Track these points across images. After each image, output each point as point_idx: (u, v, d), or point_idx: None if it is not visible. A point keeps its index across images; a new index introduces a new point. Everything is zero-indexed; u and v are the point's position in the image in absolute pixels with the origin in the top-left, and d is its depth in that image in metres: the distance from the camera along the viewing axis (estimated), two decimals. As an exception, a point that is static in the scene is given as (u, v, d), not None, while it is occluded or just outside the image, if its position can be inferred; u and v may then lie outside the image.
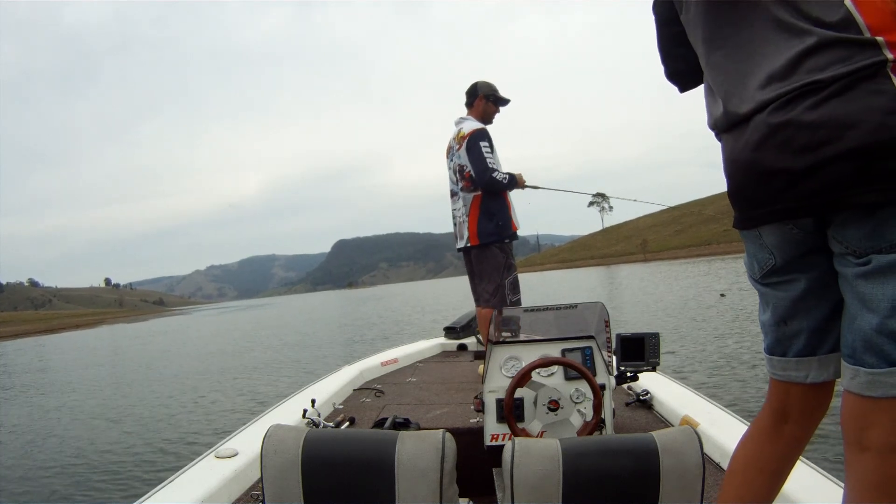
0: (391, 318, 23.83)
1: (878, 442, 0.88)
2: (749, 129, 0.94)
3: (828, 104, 0.83)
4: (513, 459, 1.02)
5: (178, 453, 5.91)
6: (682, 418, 2.12)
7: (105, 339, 36.28)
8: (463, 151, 3.22)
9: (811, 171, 0.86)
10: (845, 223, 0.88)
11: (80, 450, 6.65)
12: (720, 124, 1.03)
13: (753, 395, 5.53)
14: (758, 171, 0.94)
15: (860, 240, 0.86)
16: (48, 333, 66.44)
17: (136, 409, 8.79)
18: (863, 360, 0.88)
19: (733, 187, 1.02)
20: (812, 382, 1.04)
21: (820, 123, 0.84)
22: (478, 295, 3.37)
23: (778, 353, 1.08)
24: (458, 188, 3.31)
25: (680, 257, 74.76)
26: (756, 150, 0.93)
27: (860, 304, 0.88)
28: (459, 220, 3.33)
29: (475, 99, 3.35)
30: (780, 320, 1.06)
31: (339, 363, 3.59)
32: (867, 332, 0.87)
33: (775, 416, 1.10)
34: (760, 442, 1.12)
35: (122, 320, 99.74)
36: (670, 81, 1.27)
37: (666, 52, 1.24)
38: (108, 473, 5.58)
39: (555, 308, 2.38)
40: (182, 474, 1.78)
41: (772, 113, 0.89)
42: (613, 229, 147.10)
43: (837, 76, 0.83)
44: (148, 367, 14.68)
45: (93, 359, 20.29)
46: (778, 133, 0.89)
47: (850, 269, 0.90)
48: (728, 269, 27.91)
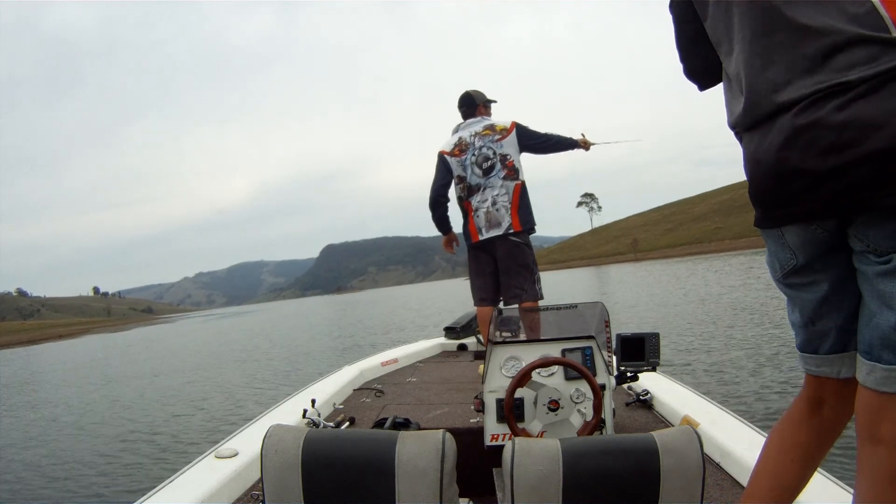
0: (392, 323, 23.76)
1: (892, 435, 0.89)
2: (774, 129, 0.93)
3: (855, 105, 0.82)
4: (513, 459, 1.02)
5: (178, 453, 5.92)
6: (682, 418, 2.12)
7: (70, 352, 34.73)
8: (510, 141, 3.33)
9: (836, 173, 0.85)
10: (868, 223, 0.88)
11: (80, 450, 6.66)
12: (742, 123, 1.02)
13: (754, 394, 5.54)
14: (782, 172, 0.93)
15: (882, 239, 0.86)
16: (30, 344, 66.35)
17: (128, 413, 8.79)
18: (880, 356, 0.89)
19: (756, 187, 1.01)
20: (846, 377, 1.04)
21: (846, 125, 0.83)
22: (503, 290, 3.38)
23: (810, 350, 1.09)
24: (492, 177, 3.33)
25: (671, 256, 74.07)
26: (781, 151, 0.92)
27: (879, 301, 0.89)
28: (494, 209, 3.32)
29: (475, 109, 3.48)
30: (807, 321, 1.07)
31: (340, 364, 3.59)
32: (885, 329, 0.88)
33: (811, 404, 1.11)
34: (797, 428, 1.12)
35: (105, 330, 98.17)
36: (689, 79, 1.26)
37: (685, 50, 1.23)
38: (108, 473, 5.58)
39: (555, 308, 2.38)
40: (182, 474, 1.78)
41: (798, 114, 0.88)
42: (602, 229, 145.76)
43: (865, 77, 0.82)
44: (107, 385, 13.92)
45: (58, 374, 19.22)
46: (803, 134, 0.88)
47: (870, 268, 0.90)
48: (727, 267, 27.93)
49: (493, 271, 3.42)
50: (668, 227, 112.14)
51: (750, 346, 7.98)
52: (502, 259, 3.34)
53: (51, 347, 48.68)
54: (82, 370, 19.23)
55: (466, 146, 3.41)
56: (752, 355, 7.28)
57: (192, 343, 26.83)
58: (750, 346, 7.98)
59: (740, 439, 1.84)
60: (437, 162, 3.49)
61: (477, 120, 3.45)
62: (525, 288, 3.28)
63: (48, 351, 41.29)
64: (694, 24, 1.16)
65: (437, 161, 3.49)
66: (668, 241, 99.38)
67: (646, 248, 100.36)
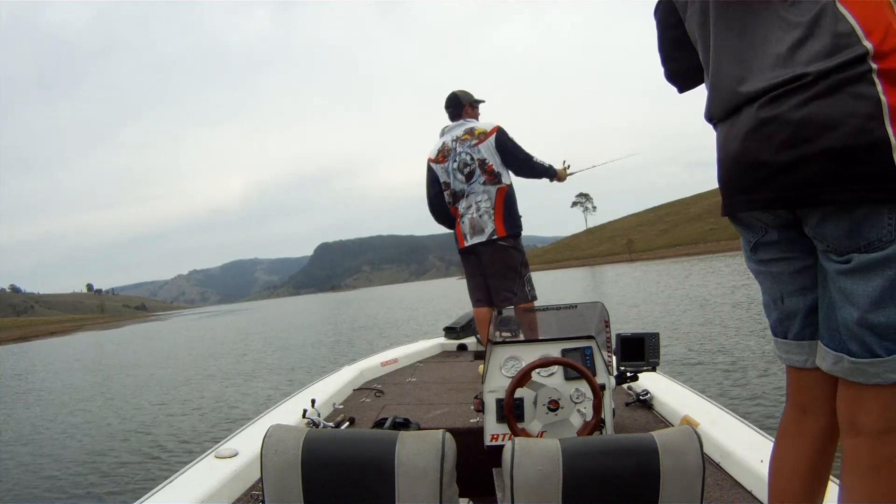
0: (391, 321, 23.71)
1: (869, 426, 0.92)
2: (740, 119, 0.98)
3: (813, 104, 0.86)
4: (513, 459, 1.01)
5: (178, 452, 5.92)
6: (682, 418, 2.12)
7: (55, 351, 34.35)
8: (489, 145, 3.25)
9: (790, 167, 0.90)
10: (823, 221, 0.91)
11: (80, 450, 6.66)
12: (715, 115, 1.06)
13: (753, 394, 5.54)
14: (745, 161, 0.98)
15: (840, 238, 0.90)
16: (22, 341, 66.20)
17: (125, 412, 8.80)
18: (847, 347, 0.93)
19: (722, 174, 1.06)
20: (813, 367, 1.05)
21: (804, 122, 0.87)
22: (493, 294, 3.32)
23: (780, 334, 1.11)
24: (473, 183, 3.28)
25: (667, 257, 73.44)
26: (744, 141, 0.97)
27: (842, 297, 0.92)
28: (477, 215, 3.28)
29: (461, 109, 3.42)
30: (776, 297, 1.09)
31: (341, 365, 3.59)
32: (849, 323, 0.91)
33: (795, 412, 1.12)
34: (788, 443, 1.12)
35: (98, 327, 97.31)
36: (670, 82, 1.31)
37: (666, 55, 1.29)
38: (107, 474, 5.58)
39: (554, 308, 2.38)
40: (182, 474, 1.78)
41: (762, 107, 0.93)
42: (597, 229, 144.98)
43: (822, 72, 0.86)
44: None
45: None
46: (764, 127, 0.92)
47: (831, 266, 0.93)
48: (725, 268, 27.94)
49: (484, 273, 3.38)
50: (663, 227, 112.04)
51: (750, 346, 7.98)
52: (488, 264, 3.29)
53: (42, 344, 48.61)
54: (72, 367, 19.25)
55: (448, 152, 3.36)
56: (754, 356, 7.27)
57: (182, 341, 26.74)
58: (750, 346, 7.98)
59: (740, 439, 1.84)
60: (426, 171, 3.46)
61: (459, 123, 3.39)
62: (515, 291, 3.23)
63: (39, 348, 41.22)
64: (676, 31, 1.21)
65: (426, 170, 3.46)
66: (663, 241, 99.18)
67: (641, 248, 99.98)
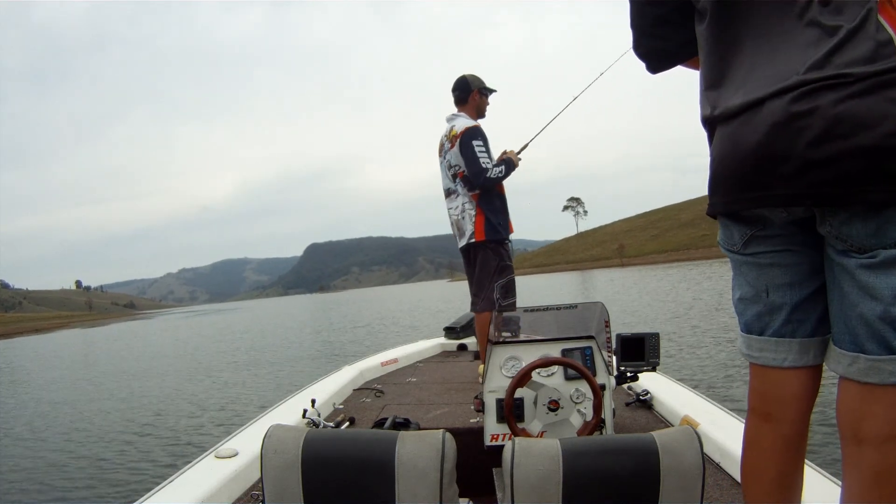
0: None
1: (874, 433, 0.89)
2: (761, 113, 0.94)
3: (851, 101, 0.85)
4: (513, 459, 1.01)
5: (177, 452, 5.92)
6: (682, 418, 2.12)
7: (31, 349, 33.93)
8: (455, 150, 3.11)
9: (824, 163, 0.87)
10: (850, 220, 0.89)
11: (79, 450, 6.66)
12: (730, 108, 1.00)
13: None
14: (766, 155, 0.93)
15: (866, 237, 0.88)
16: (5, 338, 65.91)
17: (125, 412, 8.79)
18: (864, 346, 0.90)
19: (729, 169, 1.01)
20: (790, 367, 1.03)
21: (840, 118, 0.85)
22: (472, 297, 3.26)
23: (756, 331, 1.07)
24: (458, 184, 3.17)
25: (658, 262, 73.33)
26: (769, 134, 0.92)
27: (862, 292, 0.90)
28: (460, 217, 3.18)
29: (469, 94, 3.21)
30: (760, 290, 1.05)
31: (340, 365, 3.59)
32: (870, 319, 0.89)
33: (757, 420, 1.10)
34: (753, 451, 1.10)
35: (83, 325, 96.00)
36: (643, 59, 1.24)
37: (642, 31, 1.20)
38: (107, 473, 5.58)
39: (555, 308, 2.38)
40: (182, 474, 1.78)
41: (795, 100, 0.90)
42: (588, 234, 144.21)
43: (864, 74, 0.85)
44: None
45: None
46: (797, 120, 0.89)
47: (851, 261, 0.91)
48: (716, 274, 27.78)
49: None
50: (654, 233, 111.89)
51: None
52: (473, 265, 3.21)
53: (25, 341, 48.44)
54: (52, 364, 19.25)
55: (441, 147, 3.28)
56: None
57: (163, 343, 26.28)
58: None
59: (740, 439, 1.83)
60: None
61: (454, 115, 3.23)
62: (481, 296, 3.13)
63: (23, 344, 41.10)
64: (659, 8, 1.15)
65: None
66: (654, 246, 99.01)
67: (632, 253, 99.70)
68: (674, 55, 1.19)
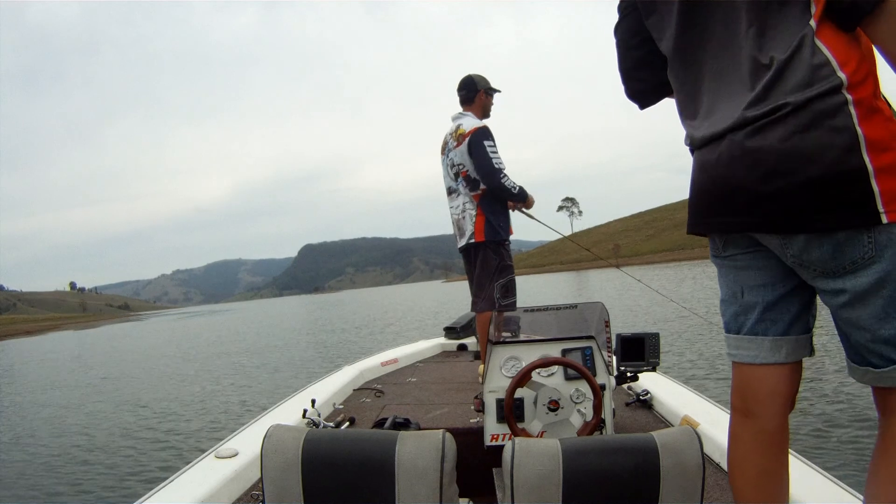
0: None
1: None
2: (723, 144, 1.03)
3: (796, 137, 0.93)
4: (513, 459, 1.01)
5: (177, 451, 5.92)
6: (682, 418, 2.12)
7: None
8: (462, 150, 3.10)
9: (775, 195, 0.96)
10: (807, 248, 0.98)
11: (79, 450, 6.65)
12: (696, 142, 1.11)
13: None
14: (728, 186, 1.03)
15: (826, 261, 0.97)
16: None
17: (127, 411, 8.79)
18: (870, 361, 1.00)
19: (699, 196, 1.11)
20: (763, 363, 1.09)
21: (787, 154, 0.94)
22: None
23: (734, 329, 1.15)
24: (459, 183, 3.16)
25: (654, 262, 72.66)
26: (729, 167, 1.02)
27: (850, 325, 1.00)
28: (461, 217, 3.17)
29: (475, 94, 3.22)
30: (736, 291, 1.13)
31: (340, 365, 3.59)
32: (865, 344, 0.99)
33: (738, 415, 1.15)
34: (736, 447, 1.15)
35: (75, 327, 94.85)
36: (631, 100, 1.38)
37: (628, 75, 1.34)
38: (107, 473, 5.58)
39: (555, 308, 2.38)
40: (182, 474, 1.78)
41: (749, 136, 0.98)
42: (583, 234, 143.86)
43: (801, 102, 0.92)
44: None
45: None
46: (750, 155, 0.98)
47: (830, 300, 1.01)
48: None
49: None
50: (649, 233, 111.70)
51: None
52: (476, 264, 3.19)
53: (14, 344, 48.15)
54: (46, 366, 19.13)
55: (445, 145, 3.27)
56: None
57: (152, 345, 25.64)
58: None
59: None
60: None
61: (460, 115, 3.23)
62: (481, 296, 3.13)
63: (11, 347, 40.91)
64: (638, 51, 1.28)
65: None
66: (649, 246, 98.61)
67: (627, 253, 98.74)
68: (657, 93, 1.32)
